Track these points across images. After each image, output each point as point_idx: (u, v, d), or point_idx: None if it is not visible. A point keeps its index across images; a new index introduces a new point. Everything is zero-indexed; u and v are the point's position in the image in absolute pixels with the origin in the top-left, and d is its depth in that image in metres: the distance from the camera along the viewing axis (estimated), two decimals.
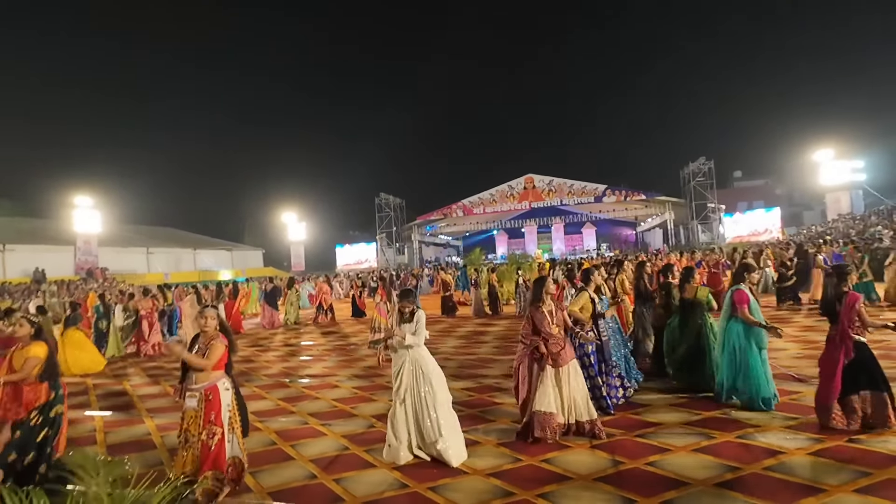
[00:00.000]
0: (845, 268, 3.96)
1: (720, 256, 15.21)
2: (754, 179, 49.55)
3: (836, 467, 3.24)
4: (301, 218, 47.92)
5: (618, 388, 4.77)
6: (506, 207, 42.80)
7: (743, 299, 4.35)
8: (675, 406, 4.67)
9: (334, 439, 4.34)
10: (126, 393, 6.66)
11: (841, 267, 4.02)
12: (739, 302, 4.36)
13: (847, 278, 3.84)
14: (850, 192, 33.66)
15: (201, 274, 38.11)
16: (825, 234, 24.27)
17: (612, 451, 3.71)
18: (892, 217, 23.90)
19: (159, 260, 37.71)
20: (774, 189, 47.54)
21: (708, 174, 36.23)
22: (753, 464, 3.35)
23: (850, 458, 3.34)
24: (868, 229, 22.44)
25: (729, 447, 3.66)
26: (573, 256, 37.63)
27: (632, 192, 39.55)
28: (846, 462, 3.29)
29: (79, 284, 26.01)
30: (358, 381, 6.51)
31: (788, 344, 6.89)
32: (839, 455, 3.40)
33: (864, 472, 3.14)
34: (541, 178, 41.64)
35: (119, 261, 33.94)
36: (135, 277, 32.46)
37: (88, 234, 31.94)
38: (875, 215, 27.11)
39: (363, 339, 9.97)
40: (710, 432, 3.95)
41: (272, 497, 3.33)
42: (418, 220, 45.44)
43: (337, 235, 56.11)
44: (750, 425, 4.04)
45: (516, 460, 3.69)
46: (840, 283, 3.84)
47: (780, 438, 3.75)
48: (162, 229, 47.72)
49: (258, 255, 48.83)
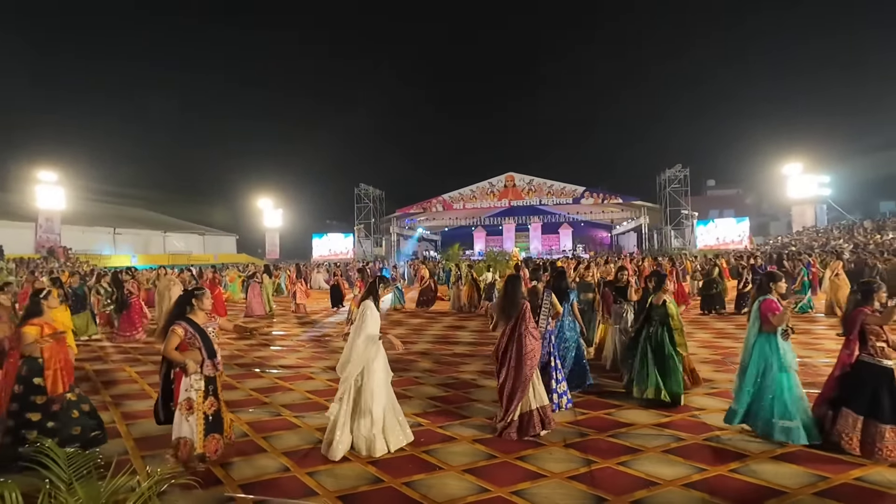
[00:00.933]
0: (872, 284, 3.82)
1: (691, 263, 15.63)
2: (726, 188, 51.07)
3: (798, 473, 3.38)
4: (277, 205, 47.04)
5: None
6: (485, 204, 42.97)
7: (773, 308, 3.94)
8: (644, 407, 4.79)
9: (308, 432, 4.29)
10: (90, 378, 6.42)
11: (867, 283, 3.87)
12: (770, 310, 3.92)
13: (872, 296, 3.72)
14: (816, 206, 35.06)
15: (171, 257, 37.08)
16: (790, 245, 25.22)
17: (584, 451, 3.77)
18: (853, 232, 24.99)
19: (126, 241, 36.52)
20: (745, 198, 49.14)
21: (683, 181, 37.12)
22: (719, 466, 3.46)
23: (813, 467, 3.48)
24: (830, 242, 23.41)
25: (697, 448, 3.77)
26: (548, 256, 38.14)
27: (609, 196, 40.24)
28: (809, 470, 3.44)
29: (39, 263, 24.93)
30: (332, 374, 6.42)
31: None
32: (800, 460, 3.54)
33: (821, 475, 3.29)
34: (521, 176, 41.94)
35: (83, 240, 32.68)
36: (100, 258, 31.33)
37: (51, 210, 30.60)
38: (837, 229, 28.30)
39: (339, 329, 9.88)
40: (679, 433, 4.07)
41: (243, 490, 3.27)
42: (397, 212, 45.19)
43: (314, 224, 55.27)
44: (715, 427, 4.17)
45: (491, 457, 3.71)
46: (864, 299, 3.76)
47: (744, 441, 3.89)
48: (130, 209, 46.11)
49: (231, 241, 47.78)
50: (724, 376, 5.80)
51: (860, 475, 3.28)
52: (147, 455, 3.81)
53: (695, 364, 5.62)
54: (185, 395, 3.48)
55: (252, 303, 12.50)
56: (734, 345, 7.57)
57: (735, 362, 6.27)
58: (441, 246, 50.38)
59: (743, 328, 7.02)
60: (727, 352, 7.12)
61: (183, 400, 3.48)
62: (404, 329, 10.05)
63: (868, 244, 21.07)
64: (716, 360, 6.65)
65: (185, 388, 3.50)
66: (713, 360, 6.66)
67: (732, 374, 5.41)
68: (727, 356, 6.83)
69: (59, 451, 2.05)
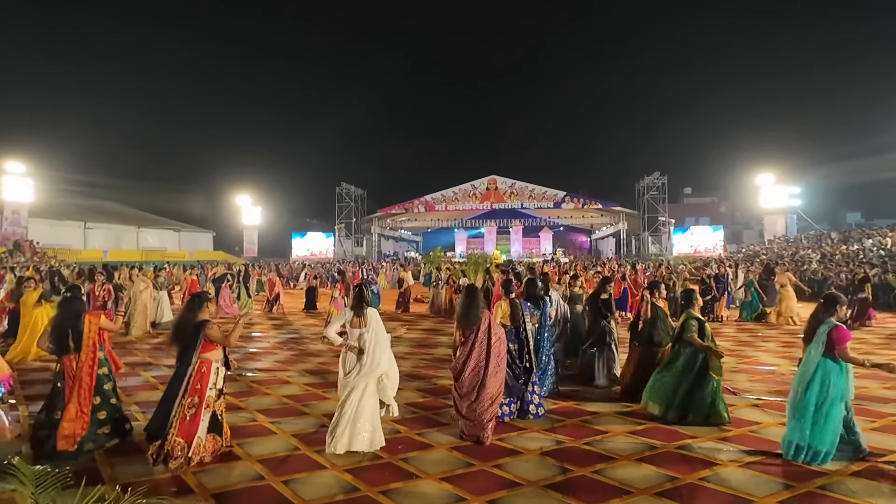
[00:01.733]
0: (836, 298, 3.93)
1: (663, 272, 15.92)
2: (702, 196, 52.33)
3: (766, 481, 3.49)
4: (256, 202, 46.30)
5: None
6: (467, 206, 43.13)
7: (845, 338, 3.68)
8: (621, 415, 4.87)
9: (284, 438, 4.23)
10: None
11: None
12: (841, 341, 3.66)
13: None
14: (786, 216, 36.22)
15: (144, 254, 36.14)
16: (761, 254, 25.97)
17: (560, 459, 3.82)
18: (821, 243, 25.89)
19: (98, 236, 35.41)
20: (720, 207, 50.43)
21: (661, 189, 37.92)
22: (691, 474, 3.55)
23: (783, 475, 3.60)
24: (799, 252, 24.22)
25: (670, 456, 3.86)
26: (528, 259, 38.46)
27: (589, 201, 40.84)
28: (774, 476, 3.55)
29: (2, 257, 24.01)
30: (310, 378, 6.38)
31: None
32: (770, 471, 3.66)
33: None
34: (504, 179, 42.24)
35: (52, 234, 31.56)
36: (69, 253, 30.35)
37: (18, 202, 29.46)
38: (806, 239, 29.28)
39: (316, 332, 9.77)
40: (653, 442, 4.15)
41: (216, 499, 3.20)
42: (379, 212, 44.99)
43: (294, 222, 54.56)
44: (687, 436, 4.27)
45: (468, 465, 3.73)
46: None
47: (714, 450, 3.99)
48: (102, 203, 44.67)
49: (208, 238, 46.75)
50: None
51: (823, 483, 3.40)
52: (118, 462, 3.71)
53: None
54: (209, 392, 3.67)
55: (223, 303, 12.04)
56: None
57: None
58: (423, 247, 50.34)
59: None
60: None
61: (206, 397, 3.66)
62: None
63: (835, 254, 21.88)
64: None
65: (210, 386, 3.68)
66: None
67: None
68: None
69: (27, 469, 1.99)
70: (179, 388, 3.58)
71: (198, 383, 3.64)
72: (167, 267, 19.40)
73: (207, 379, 3.67)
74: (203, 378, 3.66)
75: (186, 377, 3.61)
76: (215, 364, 3.74)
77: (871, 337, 9.46)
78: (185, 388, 3.59)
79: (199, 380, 3.65)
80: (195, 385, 3.63)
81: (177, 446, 3.51)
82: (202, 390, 3.64)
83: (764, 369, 6.92)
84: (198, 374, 3.66)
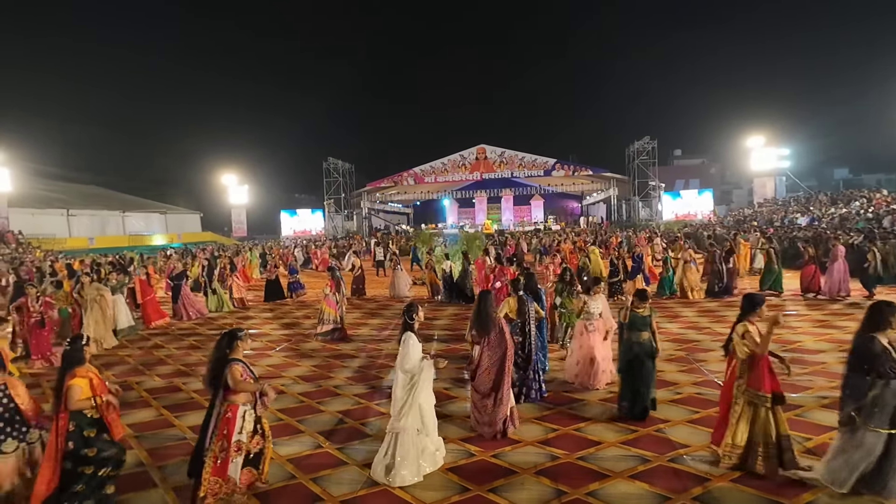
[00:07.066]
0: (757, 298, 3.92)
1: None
2: (692, 158, 52.10)
3: (756, 499, 3.55)
4: (243, 180, 45.48)
5: None
6: (457, 177, 42.70)
7: None
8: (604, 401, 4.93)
9: (280, 464, 4.23)
10: None
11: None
12: None
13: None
14: (775, 179, 36.23)
15: (131, 239, 35.63)
16: (751, 220, 26.07)
17: (555, 478, 3.87)
18: (809, 205, 26.00)
19: (82, 223, 34.75)
20: (709, 169, 50.30)
21: (651, 153, 37.65)
22: (682, 493, 3.61)
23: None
24: (788, 216, 24.33)
25: (662, 472, 3.92)
26: (519, 228, 38.44)
27: (579, 168, 40.55)
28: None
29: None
30: (305, 386, 6.33)
31: None
32: (760, 486, 3.73)
33: None
34: (493, 149, 41.68)
35: (35, 223, 30.91)
36: (54, 242, 29.83)
37: None
38: (794, 201, 29.39)
39: (310, 324, 9.73)
40: (644, 453, 4.21)
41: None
42: (368, 186, 44.44)
43: (282, 198, 53.93)
44: (680, 444, 4.33)
45: (464, 490, 3.77)
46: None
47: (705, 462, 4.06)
48: (85, 187, 43.77)
49: (195, 219, 46.10)
50: (687, 378, 6.00)
51: (811, 499, 3.47)
52: None
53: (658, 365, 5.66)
54: (236, 437, 3.49)
55: (185, 303, 11.08)
56: (701, 338, 7.82)
57: (700, 360, 6.53)
58: (413, 219, 50.02)
59: (715, 316, 7.25)
60: (692, 347, 7.35)
61: (234, 442, 3.48)
62: (378, 320, 10.00)
63: (823, 217, 22.01)
64: (681, 358, 6.84)
65: (237, 431, 3.49)
66: (679, 358, 6.85)
67: (698, 375, 5.65)
68: (691, 352, 7.06)
69: None
70: (207, 432, 3.53)
71: (224, 428, 3.48)
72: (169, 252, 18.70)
73: (233, 424, 3.48)
74: (229, 423, 3.48)
75: (213, 420, 3.52)
76: (242, 407, 3.53)
77: None
78: (213, 432, 3.50)
79: (224, 425, 3.48)
80: (222, 430, 3.48)
81: (213, 485, 3.44)
82: (229, 436, 3.48)
83: None
84: (223, 420, 3.49)
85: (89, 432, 3.38)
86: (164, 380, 6.80)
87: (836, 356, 6.41)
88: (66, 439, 3.31)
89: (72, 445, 3.32)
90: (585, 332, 5.87)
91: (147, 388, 6.48)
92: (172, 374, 7.08)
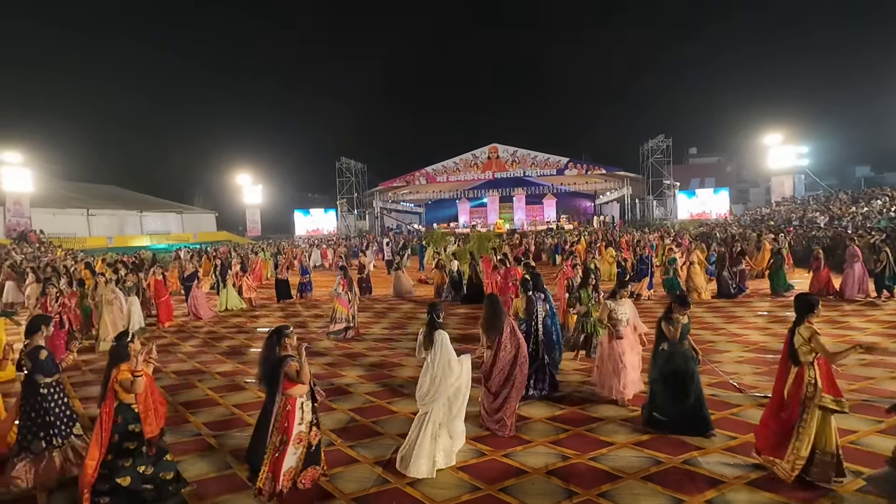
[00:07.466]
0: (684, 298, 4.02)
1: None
2: (708, 156, 51.36)
3: (772, 501, 3.49)
4: (257, 180, 46.00)
5: None
6: (469, 176, 42.64)
7: None
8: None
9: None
10: None
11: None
12: None
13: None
14: (794, 177, 35.53)
15: (149, 238, 36.27)
16: (769, 219, 25.59)
17: (566, 479, 3.85)
18: (829, 204, 25.44)
19: (101, 222, 35.46)
20: (726, 167, 49.53)
21: (666, 152, 37.19)
22: (696, 495, 3.57)
23: None
24: (807, 215, 23.84)
25: (675, 473, 3.88)
26: (532, 227, 38.29)
27: (592, 166, 40.21)
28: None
29: (10, 249, 24.13)
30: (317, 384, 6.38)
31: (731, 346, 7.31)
32: (777, 488, 3.66)
33: None
34: (505, 147, 41.55)
35: (56, 223, 31.64)
36: (74, 241, 30.49)
37: (18, 193, 29.41)
38: (814, 200, 28.78)
39: (317, 325, 9.81)
40: (657, 455, 4.16)
41: None
42: (380, 185, 44.61)
43: (296, 198, 54.38)
44: (693, 446, 4.28)
45: (475, 489, 3.77)
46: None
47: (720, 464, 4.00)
48: (104, 188, 44.66)
49: (211, 219, 46.74)
50: (702, 379, 5.90)
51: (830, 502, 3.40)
52: None
53: None
54: (297, 428, 3.64)
55: (194, 303, 11.20)
56: (715, 338, 7.72)
57: (715, 361, 6.43)
58: (425, 219, 50.11)
59: (728, 316, 7.14)
60: (706, 347, 7.24)
61: (295, 434, 3.62)
62: (389, 319, 10.03)
63: (843, 216, 21.53)
64: None
65: (297, 422, 3.64)
66: None
67: (713, 376, 5.53)
68: (706, 353, 6.95)
69: None
70: (268, 426, 3.66)
71: (284, 421, 3.61)
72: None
73: (293, 416, 3.62)
74: (288, 416, 3.61)
75: (273, 415, 3.65)
76: (300, 400, 3.67)
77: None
78: (274, 426, 3.63)
79: (285, 418, 3.62)
80: (282, 423, 3.61)
81: (267, 481, 3.57)
82: (289, 428, 3.61)
83: (769, 357, 6.82)
84: (283, 413, 3.62)
85: (134, 427, 3.55)
86: (180, 377, 6.90)
87: (853, 358, 6.25)
88: (112, 431, 3.49)
89: (117, 438, 3.49)
90: (614, 339, 5.41)
91: (161, 385, 6.57)
92: (187, 371, 7.20)
